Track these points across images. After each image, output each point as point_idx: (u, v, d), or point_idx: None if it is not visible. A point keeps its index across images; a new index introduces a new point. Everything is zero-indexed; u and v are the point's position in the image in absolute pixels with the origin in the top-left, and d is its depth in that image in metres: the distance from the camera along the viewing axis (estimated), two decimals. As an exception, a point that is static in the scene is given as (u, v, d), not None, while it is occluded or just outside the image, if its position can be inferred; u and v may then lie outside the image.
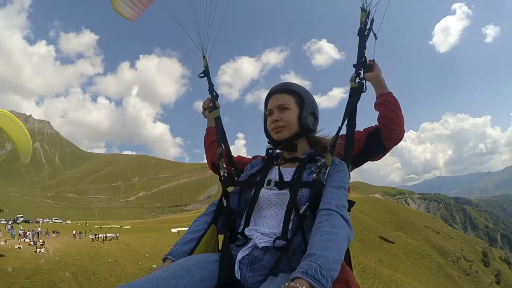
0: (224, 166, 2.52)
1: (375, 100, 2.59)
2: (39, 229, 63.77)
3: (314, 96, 2.46)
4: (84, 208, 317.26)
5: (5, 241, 50.64)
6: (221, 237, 2.15)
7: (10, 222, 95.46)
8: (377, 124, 2.58)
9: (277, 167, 2.24)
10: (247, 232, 2.04)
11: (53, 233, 62.57)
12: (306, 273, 1.32)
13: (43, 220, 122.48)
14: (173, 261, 1.88)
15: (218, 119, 2.90)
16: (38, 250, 46.41)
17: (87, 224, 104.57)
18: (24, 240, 54.67)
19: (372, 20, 2.50)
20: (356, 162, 2.56)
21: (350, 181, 2.02)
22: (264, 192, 2.11)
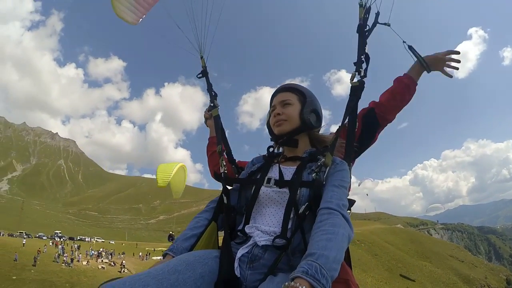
0: (224, 163, 2.53)
1: (402, 75, 2.63)
2: (109, 250, 71.69)
3: (333, 125, 2.47)
4: (105, 227, 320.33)
5: (87, 262, 54.40)
6: (221, 234, 2.17)
7: (55, 238, 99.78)
8: (373, 101, 2.67)
9: (277, 165, 2.24)
10: (247, 229, 2.04)
11: (120, 254, 69.89)
12: (307, 273, 1.31)
13: (89, 239, 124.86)
14: (173, 257, 1.87)
15: (217, 118, 2.92)
16: (122, 270, 51.15)
17: (137, 246, 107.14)
18: (102, 260, 59.82)
19: (377, 14, 2.51)
20: (357, 152, 2.56)
21: (369, 211, 2.55)
22: (264, 190, 2.12)
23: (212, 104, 3.04)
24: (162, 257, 1.95)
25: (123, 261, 57.92)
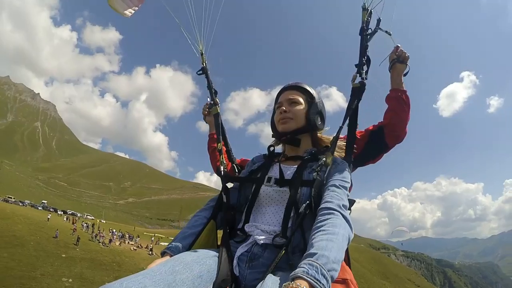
0: (224, 162, 2.52)
1: (389, 93, 2.59)
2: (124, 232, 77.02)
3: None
4: (73, 200, 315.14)
5: (120, 243, 57.96)
6: (220, 233, 2.16)
7: (53, 210, 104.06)
8: (380, 121, 2.62)
9: (278, 164, 2.25)
10: (247, 228, 2.05)
11: (133, 237, 74.66)
12: (307, 273, 1.31)
13: (80, 214, 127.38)
14: (172, 255, 1.86)
15: (217, 116, 2.90)
16: (150, 253, 55.68)
17: (134, 229, 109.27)
18: (128, 242, 64.80)
19: (379, 20, 2.52)
20: (358, 162, 2.56)
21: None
22: (265, 189, 2.13)
23: (212, 102, 3.00)
24: (160, 256, 1.93)
25: (150, 245, 62.48)
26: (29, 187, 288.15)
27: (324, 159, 2.06)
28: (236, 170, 2.71)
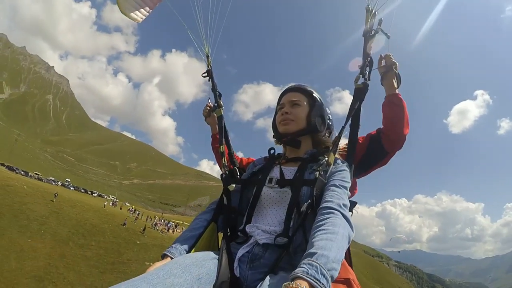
0: (226, 164, 2.58)
1: (383, 100, 2.60)
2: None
3: None
4: (79, 175, 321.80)
5: (173, 231, 61.94)
6: (221, 235, 2.18)
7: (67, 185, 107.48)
8: (380, 127, 2.62)
9: (278, 166, 2.26)
10: (248, 229, 2.05)
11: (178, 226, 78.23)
12: (307, 273, 1.30)
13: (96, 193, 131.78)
14: (172, 258, 1.86)
15: (220, 118, 2.91)
16: None
17: (162, 215, 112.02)
18: (177, 231, 67.00)
19: (380, 21, 2.52)
20: (362, 167, 2.62)
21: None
22: (266, 190, 2.14)
23: (216, 104, 2.99)
24: (161, 258, 1.91)
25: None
26: (37, 159, 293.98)
27: (326, 158, 2.08)
28: (238, 173, 2.64)
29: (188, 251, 1.98)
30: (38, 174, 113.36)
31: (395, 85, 2.55)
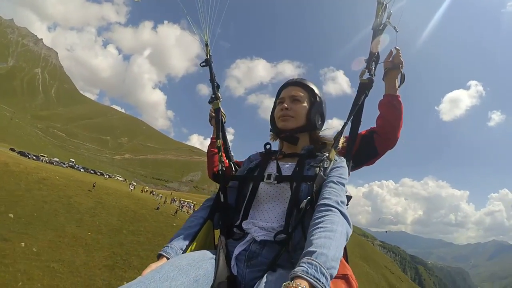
0: (223, 159, 2.50)
1: (381, 98, 2.55)
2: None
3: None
4: (70, 151, 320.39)
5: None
6: (217, 233, 2.15)
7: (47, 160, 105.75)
8: (373, 126, 2.58)
9: (275, 161, 2.24)
10: (244, 225, 2.02)
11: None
12: (306, 272, 1.29)
13: (107, 175, 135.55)
14: (168, 258, 1.83)
15: (217, 111, 2.81)
16: None
17: (171, 194, 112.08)
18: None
19: (390, 14, 2.43)
20: (353, 165, 2.49)
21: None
22: (263, 186, 2.11)
23: (213, 96, 2.84)
24: (156, 258, 1.87)
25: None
26: (28, 136, 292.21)
27: (327, 154, 2.05)
28: (234, 169, 2.68)
29: (185, 250, 1.94)
30: (44, 156, 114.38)
31: (397, 85, 2.52)
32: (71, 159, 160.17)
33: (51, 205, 38.74)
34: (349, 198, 2.05)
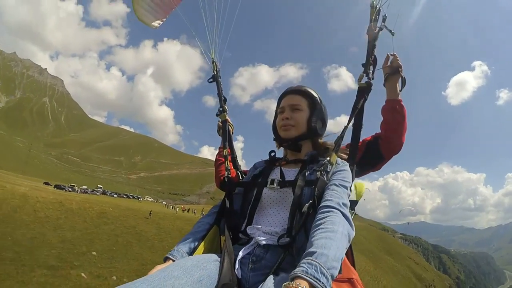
0: (229, 168, 2.60)
1: (384, 104, 2.57)
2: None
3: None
4: (87, 175, 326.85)
5: None
6: (223, 238, 2.14)
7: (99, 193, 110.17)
8: (378, 132, 2.61)
9: (279, 168, 2.28)
10: (248, 230, 2.06)
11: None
12: (306, 272, 1.30)
13: (141, 197, 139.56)
14: (174, 261, 1.86)
15: (224, 123, 2.95)
16: None
17: (203, 209, 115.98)
18: None
19: (385, 17, 2.47)
20: (357, 171, 2.46)
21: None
22: (266, 191, 2.15)
23: (221, 109, 3.02)
24: (163, 261, 1.92)
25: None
26: (44, 164, 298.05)
27: (328, 158, 2.09)
28: (241, 177, 2.74)
29: (190, 254, 1.98)
30: (74, 186, 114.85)
31: (398, 89, 2.54)
32: (98, 186, 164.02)
33: (123, 237, 41.85)
34: (355, 202, 2.11)
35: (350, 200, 1.92)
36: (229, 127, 2.99)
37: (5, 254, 29.50)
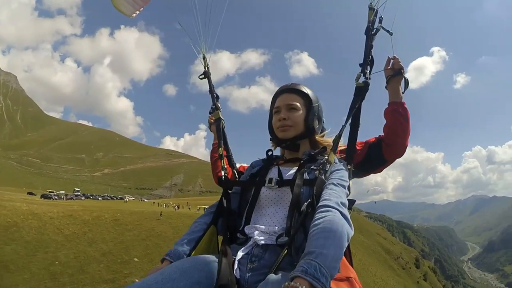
0: (225, 167, 2.56)
1: (386, 106, 2.55)
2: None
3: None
4: (50, 176, 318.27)
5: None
6: (220, 238, 2.17)
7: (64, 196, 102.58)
8: (381, 134, 2.57)
9: (276, 167, 2.26)
10: (246, 230, 2.04)
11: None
12: (306, 272, 1.30)
13: (125, 197, 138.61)
14: (171, 262, 1.86)
15: (218, 120, 2.92)
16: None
17: (187, 204, 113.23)
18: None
19: (381, 18, 2.50)
20: (359, 171, 2.54)
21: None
22: (264, 190, 2.13)
23: (214, 107, 3.00)
24: (160, 263, 1.93)
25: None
26: (4, 168, 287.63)
27: (326, 157, 2.08)
28: (237, 176, 2.71)
29: (188, 255, 1.96)
30: (58, 193, 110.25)
31: (401, 91, 2.52)
32: (75, 189, 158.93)
33: (150, 240, 43.03)
34: (352, 202, 2.07)
35: (348, 199, 1.93)
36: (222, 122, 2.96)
37: (62, 279, 30.88)
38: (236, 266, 1.83)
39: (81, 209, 51.08)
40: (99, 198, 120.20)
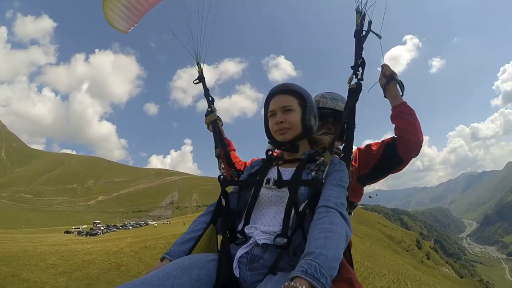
0: (223, 166, 2.61)
1: (391, 112, 2.63)
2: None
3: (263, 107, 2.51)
4: (45, 211, 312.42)
5: None
6: (220, 237, 2.17)
7: (103, 229, 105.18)
8: (394, 136, 2.62)
9: (276, 167, 2.26)
10: (246, 230, 2.04)
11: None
12: (306, 272, 1.31)
13: (125, 225, 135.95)
14: (171, 260, 1.86)
15: (214, 122, 2.92)
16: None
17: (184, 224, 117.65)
18: None
19: (370, 22, 2.53)
20: (374, 175, 2.66)
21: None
22: (264, 191, 2.12)
23: (209, 109, 3.01)
24: (160, 261, 1.93)
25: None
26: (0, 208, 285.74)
27: (323, 158, 2.07)
28: (236, 175, 2.73)
29: (188, 254, 1.97)
30: (78, 228, 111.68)
31: (400, 94, 2.61)
32: (95, 221, 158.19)
33: None
34: (353, 204, 2.20)
35: (349, 201, 2.01)
36: (219, 121, 3.01)
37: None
38: (235, 265, 1.84)
39: (141, 239, 50.18)
40: (130, 227, 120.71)
